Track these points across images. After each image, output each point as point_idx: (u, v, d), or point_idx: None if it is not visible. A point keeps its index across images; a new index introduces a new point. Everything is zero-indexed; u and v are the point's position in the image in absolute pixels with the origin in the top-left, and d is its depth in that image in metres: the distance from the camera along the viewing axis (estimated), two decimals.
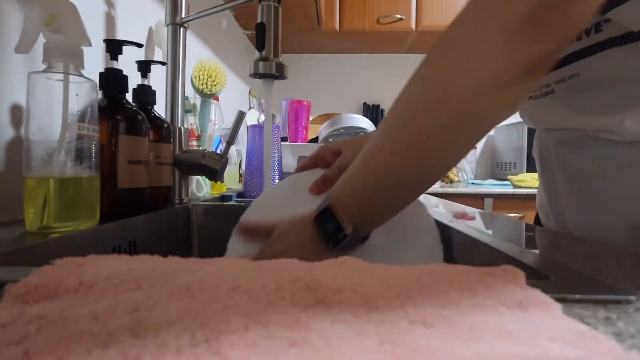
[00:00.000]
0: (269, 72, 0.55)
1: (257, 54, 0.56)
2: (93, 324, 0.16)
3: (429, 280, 0.22)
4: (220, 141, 1.06)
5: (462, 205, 0.79)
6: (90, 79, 0.45)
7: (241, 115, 0.76)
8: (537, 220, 0.71)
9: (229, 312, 0.17)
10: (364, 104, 2.57)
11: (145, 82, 0.66)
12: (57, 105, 0.42)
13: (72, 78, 0.43)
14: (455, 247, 0.49)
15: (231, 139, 0.76)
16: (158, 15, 0.91)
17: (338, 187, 0.42)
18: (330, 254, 0.40)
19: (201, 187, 0.88)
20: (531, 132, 1.94)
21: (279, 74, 0.56)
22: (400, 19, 2.08)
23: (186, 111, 0.84)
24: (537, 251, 0.40)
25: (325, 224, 0.40)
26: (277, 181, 0.96)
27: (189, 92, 0.90)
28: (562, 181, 0.57)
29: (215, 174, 0.73)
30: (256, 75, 0.57)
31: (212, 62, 1.01)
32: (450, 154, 0.37)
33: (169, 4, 0.74)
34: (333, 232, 0.39)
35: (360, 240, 0.42)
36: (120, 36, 0.78)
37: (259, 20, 0.56)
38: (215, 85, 1.01)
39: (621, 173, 0.49)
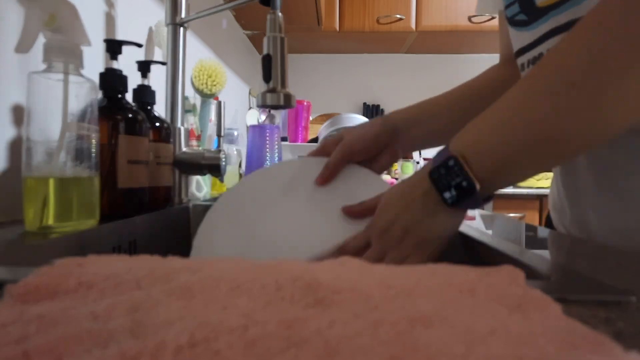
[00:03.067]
0: (277, 104, 0.56)
1: (264, 86, 0.57)
2: (93, 324, 0.16)
3: (429, 280, 0.22)
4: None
5: None
6: (90, 79, 0.45)
7: (219, 105, 0.76)
8: (548, 220, 0.67)
9: (229, 312, 0.17)
10: (364, 104, 2.57)
11: (145, 82, 0.66)
12: (57, 105, 0.42)
13: (72, 78, 0.43)
14: (455, 247, 0.49)
15: (218, 131, 0.76)
16: (158, 15, 0.91)
17: (465, 138, 0.38)
18: (446, 214, 0.37)
19: (201, 187, 0.88)
20: None
21: (287, 104, 0.57)
22: (400, 19, 2.08)
23: (186, 111, 0.84)
24: (537, 251, 0.40)
25: (445, 178, 0.36)
26: None
27: (189, 92, 0.90)
28: (587, 177, 0.52)
29: (219, 169, 0.73)
30: (264, 106, 0.57)
31: (212, 62, 1.01)
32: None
33: (169, 4, 0.74)
34: (457, 186, 0.35)
35: (479, 202, 0.37)
36: (120, 36, 0.78)
37: (264, 52, 0.57)
38: (215, 85, 1.01)
39: None
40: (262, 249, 0.45)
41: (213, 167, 0.73)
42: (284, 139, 1.48)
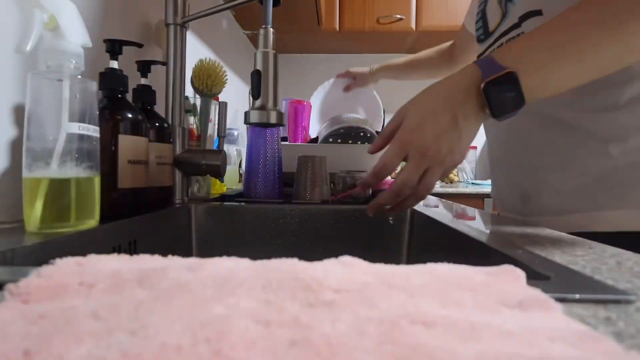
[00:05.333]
0: (266, 122, 0.54)
1: (252, 102, 0.55)
2: (93, 324, 0.16)
3: (429, 280, 0.22)
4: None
5: (462, 205, 0.79)
6: (90, 79, 0.45)
7: (222, 106, 0.76)
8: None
9: (229, 312, 0.17)
10: None
11: (145, 82, 0.66)
12: (57, 105, 0.42)
13: (72, 78, 0.43)
14: (455, 247, 0.49)
15: (220, 131, 0.76)
16: (158, 15, 0.91)
17: (514, 54, 0.42)
18: (477, 125, 0.43)
19: (201, 187, 0.88)
20: None
21: (277, 123, 0.55)
22: (400, 19, 2.08)
23: (186, 111, 0.84)
24: (537, 251, 0.40)
25: (500, 93, 0.40)
26: (276, 182, 0.96)
27: (189, 92, 0.90)
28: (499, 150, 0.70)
29: (218, 170, 0.73)
30: (252, 124, 0.55)
31: (212, 62, 1.01)
32: None
33: (169, 4, 0.74)
34: (510, 101, 0.40)
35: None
36: (120, 36, 0.78)
37: (255, 67, 0.55)
38: (215, 85, 1.01)
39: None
40: None
41: (212, 168, 0.73)
42: (284, 139, 1.48)
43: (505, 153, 0.66)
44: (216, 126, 0.89)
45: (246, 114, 0.55)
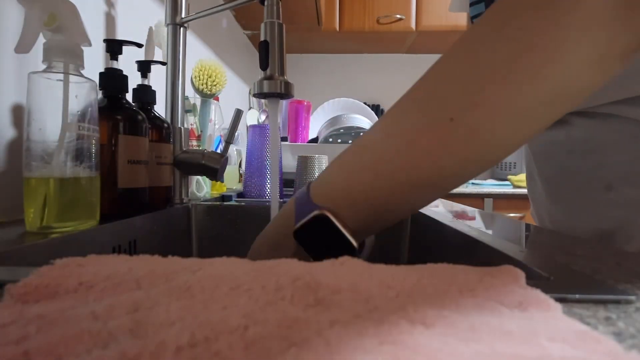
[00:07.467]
0: (275, 91, 0.53)
1: (261, 73, 0.55)
2: (93, 324, 0.16)
3: (429, 280, 0.22)
4: (220, 141, 1.06)
5: (462, 205, 0.79)
6: (90, 79, 0.45)
7: (238, 114, 0.76)
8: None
9: (229, 312, 0.17)
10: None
11: (145, 82, 0.66)
12: (57, 105, 0.42)
13: (72, 78, 0.43)
14: (455, 247, 0.49)
15: (230, 138, 0.76)
16: (158, 15, 0.91)
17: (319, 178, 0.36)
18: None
19: (201, 187, 0.88)
20: None
21: (286, 92, 0.54)
22: (400, 19, 2.08)
23: (186, 111, 0.84)
24: (537, 251, 0.40)
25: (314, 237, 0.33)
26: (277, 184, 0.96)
27: (189, 92, 0.90)
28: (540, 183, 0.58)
29: (215, 173, 0.73)
30: (260, 95, 0.54)
31: (212, 62, 1.01)
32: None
33: (169, 4, 0.74)
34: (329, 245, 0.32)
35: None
36: (120, 36, 0.78)
37: (262, 39, 0.55)
38: (215, 85, 1.01)
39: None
40: None
41: (211, 170, 0.73)
42: (284, 139, 1.48)
43: (571, 175, 0.51)
44: (215, 126, 0.89)
45: (255, 85, 0.54)
